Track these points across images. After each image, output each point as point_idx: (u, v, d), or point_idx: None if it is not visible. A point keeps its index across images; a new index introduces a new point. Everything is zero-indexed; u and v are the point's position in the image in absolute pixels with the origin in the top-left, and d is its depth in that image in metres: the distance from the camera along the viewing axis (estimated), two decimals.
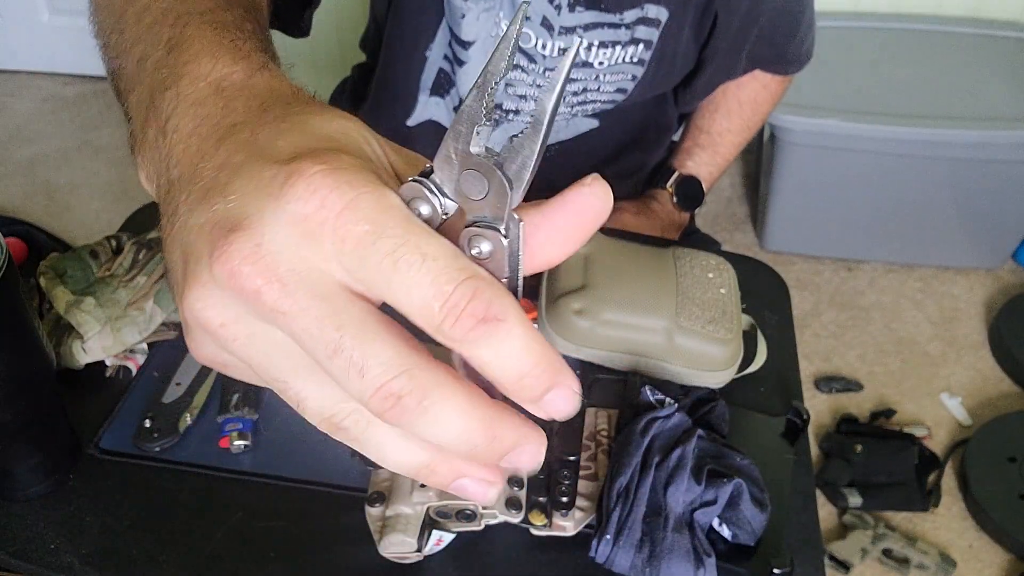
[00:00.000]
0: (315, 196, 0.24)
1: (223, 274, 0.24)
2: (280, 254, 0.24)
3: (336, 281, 0.25)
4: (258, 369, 0.26)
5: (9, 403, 0.58)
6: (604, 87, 0.85)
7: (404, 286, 0.24)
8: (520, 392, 0.25)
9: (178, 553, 0.60)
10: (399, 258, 0.24)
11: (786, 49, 0.96)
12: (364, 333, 0.24)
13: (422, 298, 0.24)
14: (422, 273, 0.24)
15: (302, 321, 0.24)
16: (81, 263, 0.74)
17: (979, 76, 1.74)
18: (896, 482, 1.45)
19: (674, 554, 0.56)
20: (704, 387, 0.70)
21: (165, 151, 0.31)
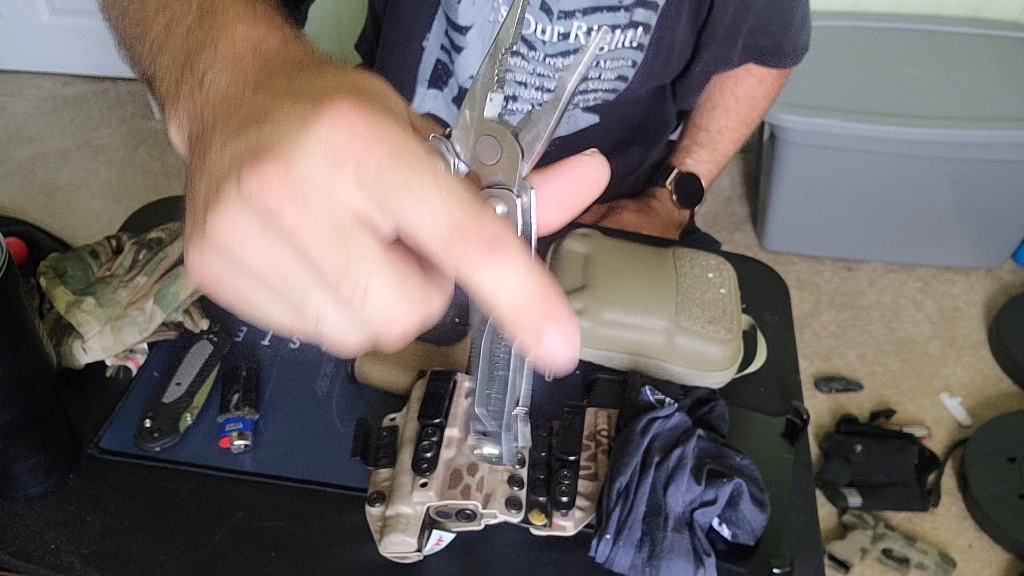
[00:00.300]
0: (344, 126, 0.25)
1: (251, 191, 0.26)
2: (306, 178, 0.25)
3: (353, 209, 0.26)
4: (273, 282, 0.27)
5: (9, 403, 0.59)
6: (605, 74, 0.86)
7: (417, 207, 0.25)
8: (520, 324, 0.26)
9: (179, 553, 0.60)
10: (415, 183, 0.25)
11: (781, 40, 0.96)
12: (370, 259, 0.26)
13: (433, 218, 0.25)
14: (436, 197, 0.25)
15: (316, 243, 0.26)
16: (81, 263, 0.74)
17: (979, 76, 1.74)
18: (896, 482, 1.45)
19: (674, 554, 0.56)
20: (704, 387, 0.70)
21: (200, 101, 0.32)
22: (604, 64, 0.84)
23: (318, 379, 0.73)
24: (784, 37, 0.96)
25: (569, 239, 0.76)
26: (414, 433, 0.61)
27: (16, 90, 2.41)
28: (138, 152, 2.22)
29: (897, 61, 1.78)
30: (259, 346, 0.76)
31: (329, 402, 0.71)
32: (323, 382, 0.73)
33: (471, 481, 0.59)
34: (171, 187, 2.11)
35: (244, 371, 0.71)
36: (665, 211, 0.99)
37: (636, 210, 0.98)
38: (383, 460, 0.61)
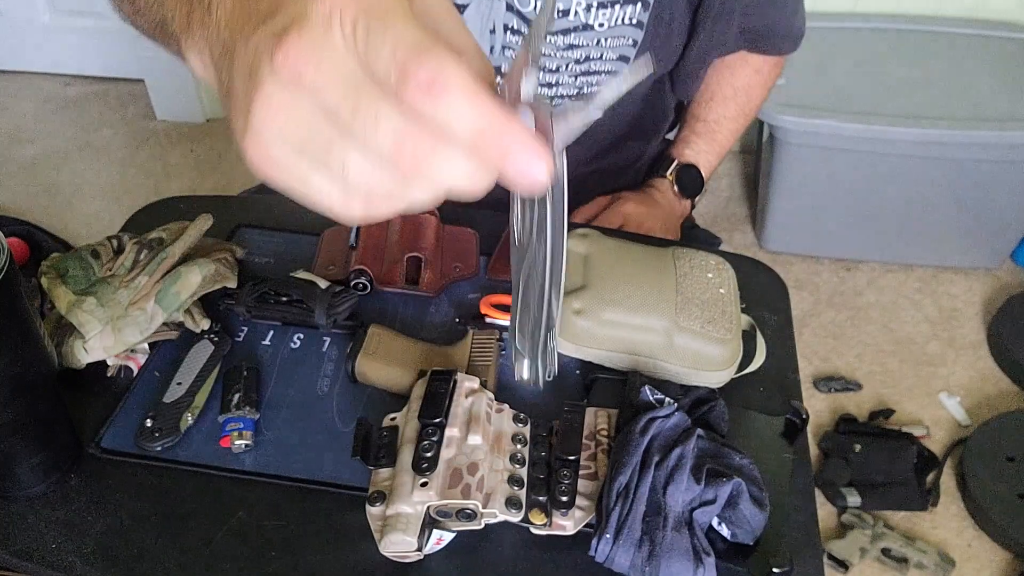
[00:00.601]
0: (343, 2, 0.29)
1: (279, 65, 0.29)
2: (318, 40, 0.29)
3: (353, 65, 0.29)
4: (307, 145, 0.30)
5: (10, 402, 0.59)
6: (607, 53, 0.86)
7: (383, 59, 0.29)
8: (482, 153, 0.29)
9: (179, 552, 0.60)
10: (389, 36, 0.29)
11: (776, 23, 0.96)
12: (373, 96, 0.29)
13: (386, 66, 0.28)
14: (394, 49, 0.28)
15: (332, 93, 0.29)
16: (82, 263, 0.74)
17: (978, 77, 1.75)
18: (895, 481, 1.46)
19: (673, 553, 0.57)
20: (703, 387, 0.70)
21: (212, 25, 0.36)
22: (605, 43, 0.85)
23: (318, 379, 0.73)
24: (779, 18, 0.96)
25: (569, 239, 0.77)
26: (414, 433, 0.61)
27: (18, 91, 2.41)
28: (139, 153, 2.22)
29: (896, 62, 1.78)
30: (260, 346, 0.76)
31: (329, 402, 0.71)
32: (323, 382, 0.73)
33: (471, 480, 0.59)
34: (172, 188, 2.11)
35: (245, 371, 0.71)
36: (667, 202, 1.00)
37: (638, 202, 0.98)
38: (383, 460, 0.61)
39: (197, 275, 0.72)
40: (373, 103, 0.29)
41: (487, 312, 0.77)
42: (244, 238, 0.88)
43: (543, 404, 0.72)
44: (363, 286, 0.80)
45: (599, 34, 0.84)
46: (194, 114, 2.29)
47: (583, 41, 0.84)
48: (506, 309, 0.78)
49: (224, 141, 2.26)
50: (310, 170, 0.31)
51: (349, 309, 0.77)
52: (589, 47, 0.85)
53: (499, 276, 0.84)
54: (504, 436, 0.64)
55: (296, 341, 0.76)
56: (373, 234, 0.83)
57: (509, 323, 0.47)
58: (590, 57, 0.86)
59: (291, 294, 0.76)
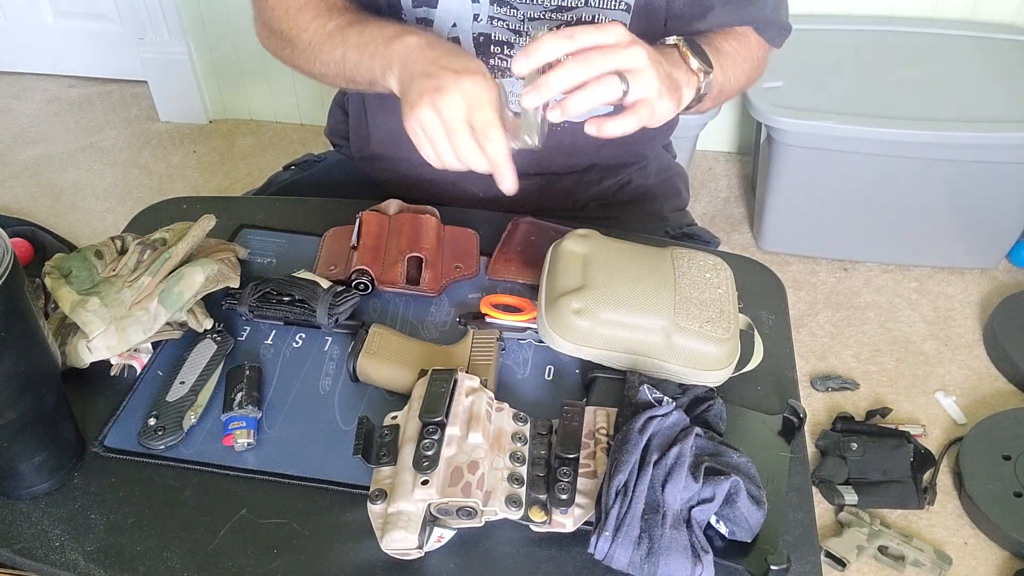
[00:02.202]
0: (471, 86, 0.66)
1: (433, 103, 0.66)
2: (453, 103, 0.65)
3: (464, 117, 0.66)
4: (432, 136, 0.67)
5: (15, 401, 0.59)
6: (599, 16, 0.85)
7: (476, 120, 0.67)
8: (493, 166, 0.69)
9: (182, 550, 0.61)
10: (480, 117, 0.66)
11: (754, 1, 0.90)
12: (464, 132, 0.66)
13: (477, 122, 0.67)
14: (481, 119, 0.66)
15: (450, 126, 0.66)
16: (86, 263, 0.74)
17: (974, 78, 1.75)
18: (892, 480, 1.46)
19: (672, 550, 0.57)
20: (702, 385, 0.71)
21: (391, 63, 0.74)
22: (597, 4, 0.84)
23: (320, 378, 0.74)
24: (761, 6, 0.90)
25: (568, 239, 0.77)
26: (415, 431, 0.62)
27: (21, 92, 2.42)
28: (142, 153, 2.22)
29: (892, 64, 1.79)
30: (262, 345, 0.76)
31: (331, 401, 0.72)
32: (325, 381, 0.74)
33: (471, 479, 0.59)
34: (175, 188, 2.11)
35: (247, 370, 0.71)
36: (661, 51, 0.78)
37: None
38: (385, 458, 0.62)
39: (200, 275, 0.73)
40: (463, 133, 0.66)
41: (487, 312, 0.77)
42: (247, 238, 0.89)
43: (543, 403, 0.72)
44: (364, 286, 0.81)
45: (593, 11, 0.83)
46: (197, 115, 2.30)
47: (572, 2, 0.84)
48: (506, 309, 0.78)
49: (227, 142, 2.26)
50: (427, 145, 0.68)
51: (350, 309, 0.78)
52: (580, 8, 0.84)
53: (499, 276, 0.84)
54: (504, 435, 0.65)
55: (298, 340, 0.77)
56: (374, 234, 0.84)
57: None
58: (582, 20, 0.85)
59: (293, 294, 0.77)
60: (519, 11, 0.85)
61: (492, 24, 0.85)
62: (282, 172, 1.11)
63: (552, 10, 0.84)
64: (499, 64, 0.88)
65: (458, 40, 0.87)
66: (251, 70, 2.22)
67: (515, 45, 0.87)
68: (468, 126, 0.66)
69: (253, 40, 0.90)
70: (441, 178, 1.01)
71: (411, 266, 0.83)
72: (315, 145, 2.05)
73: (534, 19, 0.85)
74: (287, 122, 2.32)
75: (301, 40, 0.83)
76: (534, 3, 0.84)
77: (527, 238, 0.88)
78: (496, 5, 0.84)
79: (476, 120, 0.66)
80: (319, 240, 0.87)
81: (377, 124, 0.97)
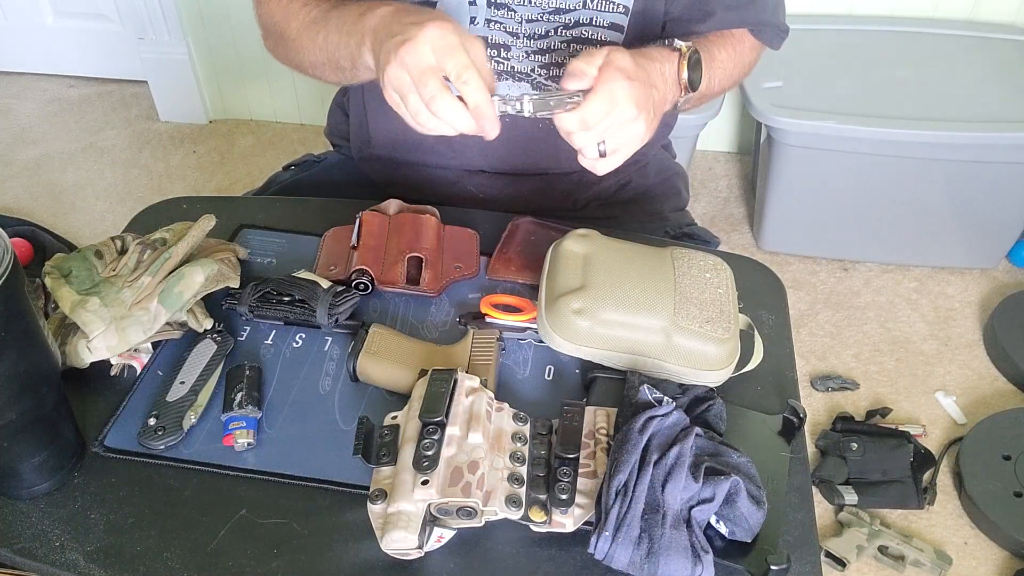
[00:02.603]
0: (436, 32, 0.64)
1: (399, 56, 0.64)
2: (418, 50, 0.64)
3: (432, 64, 0.64)
4: (401, 92, 0.66)
5: (15, 402, 0.59)
6: (597, 19, 0.85)
7: (449, 66, 0.65)
8: (475, 116, 0.67)
9: (182, 550, 0.61)
10: (452, 59, 0.64)
11: (752, 3, 0.90)
12: (435, 82, 0.64)
13: (451, 68, 0.65)
14: (455, 64, 0.65)
15: (417, 74, 0.64)
16: (86, 263, 0.74)
17: (974, 78, 1.75)
18: (892, 480, 1.46)
19: (672, 550, 0.57)
20: (702, 385, 0.71)
21: (364, 36, 0.73)
22: (594, 5, 0.84)
23: (320, 378, 0.74)
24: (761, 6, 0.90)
25: (568, 239, 0.77)
26: (415, 431, 0.62)
27: (21, 92, 2.42)
28: (142, 153, 2.22)
29: (892, 64, 1.79)
30: (262, 345, 0.76)
31: (331, 401, 0.72)
32: (325, 381, 0.74)
33: (471, 479, 0.59)
34: (175, 188, 2.11)
35: (247, 370, 0.71)
36: (662, 84, 0.77)
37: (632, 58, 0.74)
38: (385, 458, 0.62)
39: (200, 275, 0.73)
40: (433, 84, 0.64)
41: (487, 312, 0.77)
42: (247, 238, 0.89)
43: (543, 403, 0.72)
44: (364, 286, 0.81)
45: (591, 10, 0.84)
46: (197, 115, 2.30)
47: (570, 4, 0.84)
48: (506, 309, 0.78)
49: (227, 142, 2.26)
50: (400, 104, 0.67)
51: (350, 309, 0.78)
52: (578, 11, 0.84)
53: (499, 276, 0.84)
54: (504, 435, 0.65)
55: (298, 340, 0.77)
56: (374, 234, 0.84)
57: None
58: (580, 22, 0.85)
59: (293, 294, 0.77)
60: (517, 13, 0.85)
61: (489, 27, 0.86)
62: (282, 172, 1.11)
63: (550, 12, 0.84)
64: (495, 67, 0.88)
65: None
66: (251, 70, 2.22)
67: (512, 47, 0.87)
68: (441, 78, 0.64)
69: (253, 40, 0.91)
70: (441, 178, 1.02)
71: (411, 266, 0.83)
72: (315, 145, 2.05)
73: (532, 21, 0.85)
74: (287, 122, 2.32)
75: (290, 30, 0.83)
76: (532, 5, 0.84)
77: (527, 238, 0.88)
78: (493, 8, 0.84)
79: (448, 66, 0.63)
80: (319, 240, 0.87)
81: (378, 125, 0.97)
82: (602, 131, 0.68)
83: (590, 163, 0.71)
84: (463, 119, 0.65)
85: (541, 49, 0.87)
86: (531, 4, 0.84)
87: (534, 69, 0.88)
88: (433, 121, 0.65)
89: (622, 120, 0.68)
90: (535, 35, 0.86)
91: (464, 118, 0.65)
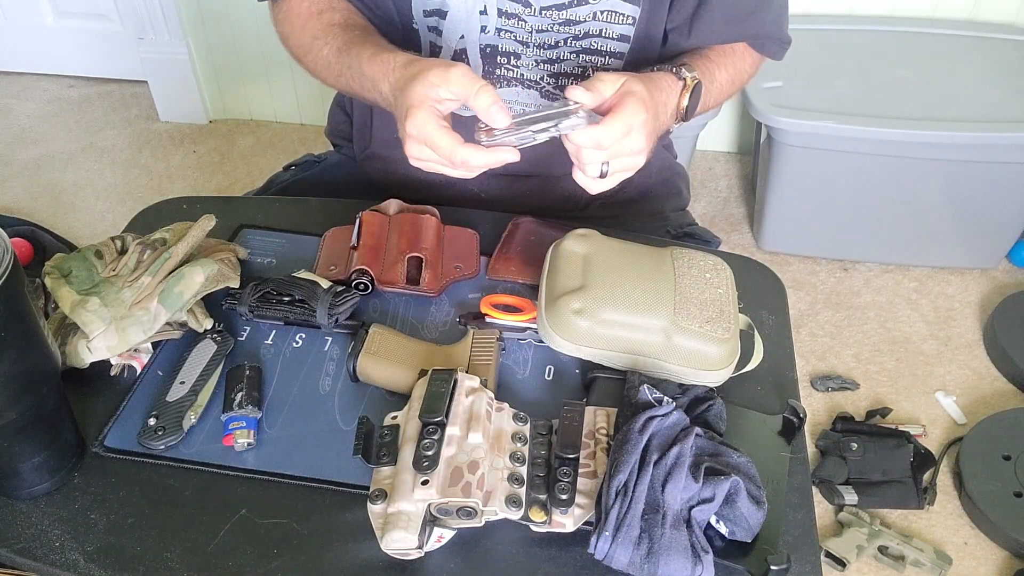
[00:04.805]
0: (411, 122, 0.69)
1: (404, 126, 0.69)
2: (415, 121, 0.68)
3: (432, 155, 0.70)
4: (422, 150, 0.70)
5: (15, 401, 0.59)
6: (606, 30, 0.85)
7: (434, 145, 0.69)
8: (465, 168, 0.71)
9: (182, 550, 0.61)
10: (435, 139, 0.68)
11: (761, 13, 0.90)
12: (441, 141, 0.68)
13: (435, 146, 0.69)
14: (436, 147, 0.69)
15: (427, 138, 0.69)
16: (86, 263, 0.74)
17: (974, 78, 1.75)
18: (892, 480, 1.46)
19: (672, 550, 0.57)
20: (702, 385, 0.71)
21: (388, 85, 0.75)
22: (603, 17, 0.84)
23: (320, 378, 0.74)
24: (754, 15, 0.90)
25: (568, 239, 0.77)
26: (415, 431, 0.62)
27: (21, 92, 2.42)
28: (142, 153, 2.22)
29: (892, 64, 1.79)
30: (262, 345, 0.76)
31: (331, 401, 0.72)
32: (325, 381, 0.74)
33: (471, 479, 0.59)
34: (175, 188, 2.11)
35: (247, 370, 0.71)
36: (664, 111, 0.82)
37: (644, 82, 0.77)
38: (385, 458, 0.62)
39: (200, 275, 0.73)
40: (439, 144, 0.68)
41: (487, 312, 0.77)
42: (247, 238, 0.89)
43: (543, 403, 0.72)
44: (364, 286, 0.81)
45: (593, 7, 0.84)
46: (197, 115, 2.30)
47: (580, 16, 0.84)
48: (506, 309, 0.78)
49: (227, 142, 2.26)
50: (416, 159, 0.71)
51: (350, 309, 0.78)
52: (587, 22, 0.85)
53: (499, 276, 0.84)
54: (504, 435, 0.65)
55: (298, 341, 0.77)
56: (374, 234, 0.84)
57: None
58: (589, 33, 0.86)
59: (293, 294, 0.77)
60: (527, 23, 0.85)
61: (499, 36, 0.86)
62: (282, 172, 1.11)
63: (560, 23, 0.85)
64: (505, 74, 0.88)
65: (465, 52, 0.87)
66: (251, 70, 2.21)
67: (521, 56, 0.87)
68: (451, 137, 0.68)
69: (253, 40, 0.91)
70: (441, 179, 1.01)
71: (411, 266, 0.83)
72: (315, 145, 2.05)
73: (542, 31, 0.85)
74: (287, 122, 2.32)
75: (308, 63, 0.87)
76: (542, 15, 0.84)
77: (527, 238, 0.88)
78: (504, 18, 0.84)
79: (440, 152, 0.68)
80: (319, 240, 0.87)
81: (381, 124, 0.97)
82: (610, 154, 0.70)
83: (587, 181, 0.74)
84: (479, 169, 0.70)
85: (550, 59, 0.88)
86: (541, 15, 0.84)
87: (543, 77, 0.89)
88: (460, 174, 0.72)
89: (631, 149, 0.71)
90: (545, 44, 0.87)
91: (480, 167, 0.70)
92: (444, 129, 0.68)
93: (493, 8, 0.84)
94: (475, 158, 0.68)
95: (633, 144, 0.70)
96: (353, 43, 0.80)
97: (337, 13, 0.84)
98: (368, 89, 0.79)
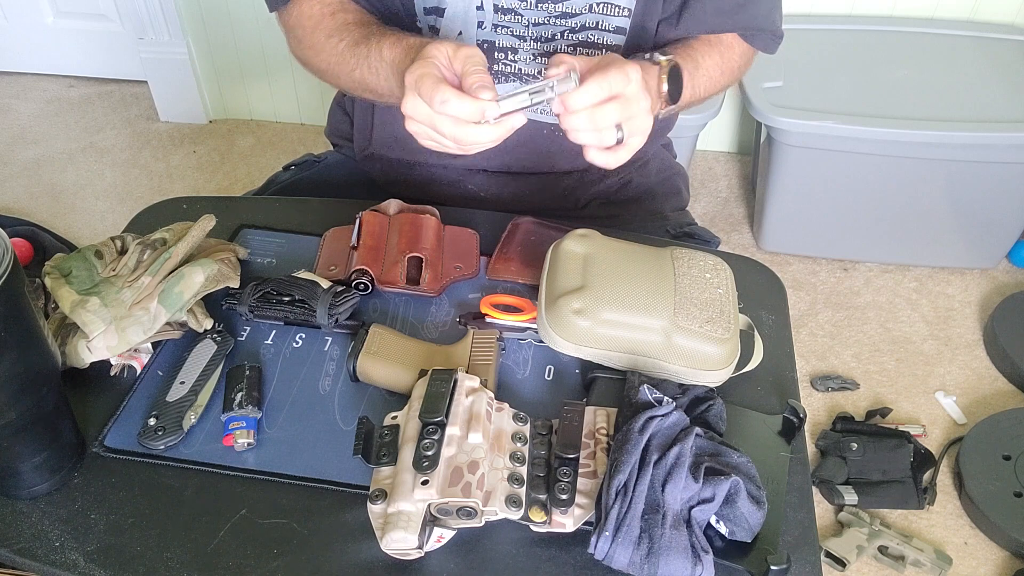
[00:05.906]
0: (411, 93, 0.67)
1: (411, 94, 0.67)
2: (414, 96, 0.67)
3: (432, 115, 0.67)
4: (419, 119, 0.68)
5: (15, 402, 0.59)
6: (603, 22, 0.85)
7: (435, 104, 0.66)
8: (459, 140, 0.68)
9: (182, 550, 0.61)
10: (436, 97, 0.65)
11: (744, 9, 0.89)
12: (426, 82, 0.66)
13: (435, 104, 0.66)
14: (434, 103, 0.66)
15: (416, 81, 0.67)
16: (86, 263, 0.74)
17: (974, 78, 1.75)
18: (892, 480, 1.46)
19: (672, 550, 0.57)
20: (702, 386, 0.71)
21: (394, 68, 0.76)
22: (599, 9, 0.84)
23: (320, 378, 0.74)
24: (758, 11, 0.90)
25: (568, 239, 0.77)
26: (415, 431, 0.62)
27: (21, 92, 2.42)
28: (142, 153, 2.22)
29: (892, 63, 1.79)
30: (262, 345, 0.76)
31: (331, 401, 0.72)
32: (325, 381, 0.74)
33: (471, 479, 0.59)
34: (175, 188, 2.11)
35: (247, 370, 0.71)
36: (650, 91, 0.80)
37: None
38: (385, 458, 0.62)
39: (200, 275, 0.73)
40: (433, 120, 0.67)
41: (487, 312, 0.77)
42: (247, 239, 0.89)
43: (543, 403, 0.72)
44: (364, 286, 0.81)
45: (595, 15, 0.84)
46: (197, 115, 2.30)
47: (576, 8, 0.84)
48: (506, 309, 0.78)
49: (227, 142, 2.26)
50: (415, 129, 0.69)
51: (350, 309, 0.78)
52: (584, 15, 0.85)
53: (499, 276, 0.84)
54: (504, 435, 0.65)
55: (298, 341, 0.77)
56: (374, 234, 0.84)
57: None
58: (586, 26, 0.86)
59: (293, 294, 0.77)
60: (524, 17, 0.85)
61: (496, 32, 0.86)
62: (282, 172, 1.11)
63: (556, 16, 0.85)
64: (502, 69, 0.88)
65: None
66: (251, 70, 2.21)
67: (519, 50, 0.87)
68: (449, 118, 0.66)
69: (253, 40, 0.91)
70: (441, 178, 1.02)
71: (411, 266, 0.83)
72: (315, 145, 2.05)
73: (538, 24, 0.85)
74: (287, 122, 2.32)
75: (319, 62, 0.86)
76: (539, 9, 0.84)
77: (527, 238, 0.88)
78: (500, 13, 0.85)
79: (424, 94, 0.66)
80: (319, 240, 0.87)
81: (382, 124, 0.98)
82: (622, 112, 0.68)
83: (603, 155, 0.71)
84: (490, 134, 0.67)
85: (548, 52, 0.87)
86: (537, 8, 0.84)
87: (540, 71, 0.89)
88: (461, 150, 0.70)
89: (639, 106, 0.68)
90: (542, 38, 0.87)
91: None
92: (434, 77, 0.66)
93: (489, 4, 0.84)
94: (460, 106, 0.64)
95: (639, 98, 0.68)
96: (371, 35, 0.80)
97: (350, 13, 0.85)
98: (384, 77, 0.78)
